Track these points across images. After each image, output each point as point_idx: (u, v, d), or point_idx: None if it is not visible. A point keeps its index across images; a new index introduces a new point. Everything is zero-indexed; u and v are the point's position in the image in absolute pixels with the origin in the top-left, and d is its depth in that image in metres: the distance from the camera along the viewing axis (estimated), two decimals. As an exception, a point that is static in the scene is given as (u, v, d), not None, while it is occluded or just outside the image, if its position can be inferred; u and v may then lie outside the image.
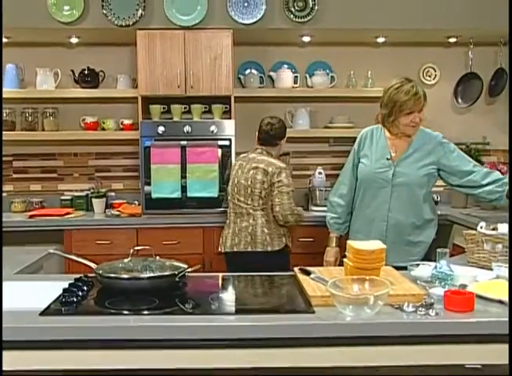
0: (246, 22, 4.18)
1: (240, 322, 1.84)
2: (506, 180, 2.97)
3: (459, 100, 4.83)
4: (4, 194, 4.69)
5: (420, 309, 1.86)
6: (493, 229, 2.54)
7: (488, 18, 4.19)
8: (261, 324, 1.80)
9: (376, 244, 2.15)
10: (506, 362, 1.77)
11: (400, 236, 3.01)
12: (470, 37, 4.55)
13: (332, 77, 4.70)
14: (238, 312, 1.99)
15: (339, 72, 4.75)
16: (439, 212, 4.15)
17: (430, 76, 4.86)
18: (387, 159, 3.00)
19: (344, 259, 2.19)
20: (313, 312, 1.87)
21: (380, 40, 4.58)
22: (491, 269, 2.32)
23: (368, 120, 4.19)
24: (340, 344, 1.79)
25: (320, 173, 4.60)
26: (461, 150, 3.27)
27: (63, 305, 1.98)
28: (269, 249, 3.47)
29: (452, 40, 4.60)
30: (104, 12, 4.12)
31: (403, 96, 2.91)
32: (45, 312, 1.90)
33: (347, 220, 3.18)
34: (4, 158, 4.68)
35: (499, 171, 3.41)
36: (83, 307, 1.99)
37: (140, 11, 4.13)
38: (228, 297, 2.23)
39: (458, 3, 4.24)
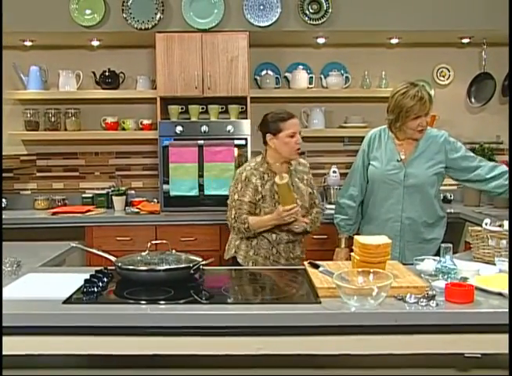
0: (261, 24, 4.27)
1: (250, 311, 1.95)
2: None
3: (473, 100, 4.86)
4: (28, 192, 4.85)
5: (421, 300, 1.95)
6: (500, 226, 2.61)
7: (500, 19, 4.21)
8: (270, 313, 1.90)
9: (381, 239, 2.24)
10: (506, 351, 1.84)
11: (414, 234, 3.08)
12: (483, 38, 4.59)
13: (346, 77, 4.78)
14: (249, 302, 2.10)
15: (353, 73, 4.82)
16: (452, 210, 4.25)
17: (444, 76, 4.91)
18: (398, 161, 3.07)
19: (352, 253, 2.29)
20: (319, 302, 1.97)
21: (394, 41, 4.64)
22: (495, 265, 2.39)
23: (382, 120, 4.23)
24: (344, 332, 1.89)
25: (335, 172, 4.68)
26: (474, 149, 3.35)
27: (85, 295, 2.10)
28: (224, 256, 3.20)
29: (466, 40, 4.65)
30: (124, 16, 4.24)
31: (409, 101, 2.95)
32: (68, 300, 2.03)
33: (358, 220, 3.25)
34: (28, 157, 4.83)
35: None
36: (103, 296, 2.11)
37: (159, 15, 4.25)
38: (241, 288, 2.34)
39: (470, 4, 4.28)
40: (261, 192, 3.00)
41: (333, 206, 4.38)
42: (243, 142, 4.29)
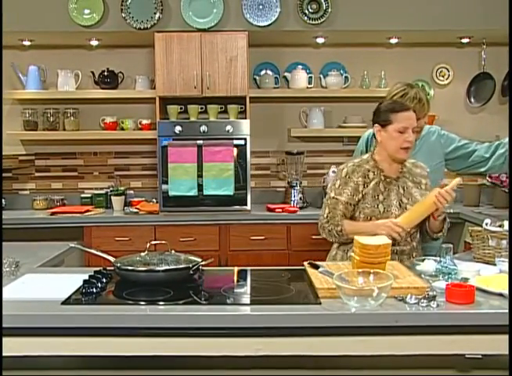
0: (261, 24, 4.27)
1: (250, 312, 1.95)
2: (505, 141, 3.05)
3: (472, 100, 4.86)
4: (26, 192, 4.85)
5: (422, 300, 1.94)
6: (500, 226, 2.60)
7: (500, 18, 4.21)
8: (270, 314, 1.89)
9: (381, 239, 2.24)
10: (506, 352, 1.83)
11: None
12: (483, 38, 4.58)
13: (346, 77, 4.77)
14: (248, 303, 2.09)
15: (353, 72, 4.82)
16: (452, 210, 4.24)
17: (443, 76, 4.90)
18: None
19: (351, 254, 2.28)
20: (320, 303, 1.96)
21: (393, 41, 4.64)
22: (495, 265, 2.38)
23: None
24: (344, 333, 1.88)
25: (334, 172, 4.67)
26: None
27: (84, 296, 2.09)
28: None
29: (465, 40, 4.64)
30: (123, 15, 4.23)
31: (408, 104, 2.88)
32: (67, 301, 2.01)
33: None
34: (27, 157, 4.82)
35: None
36: (102, 297, 2.10)
37: (158, 14, 4.24)
38: (240, 289, 2.32)
39: (470, 4, 4.28)
40: (362, 191, 2.65)
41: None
42: (242, 142, 4.29)
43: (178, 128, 4.27)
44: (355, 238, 2.26)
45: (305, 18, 4.27)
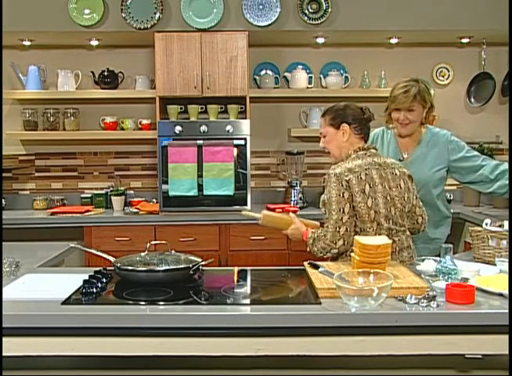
0: (261, 24, 4.27)
1: (250, 312, 1.95)
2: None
3: (472, 100, 4.86)
4: (26, 192, 4.84)
5: (422, 300, 1.94)
6: (500, 226, 2.60)
7: (500, 18, 4.21)
8: (270, 314, 1.89)
9: (381, 239, 2.24)
10: (506, 352, 1.84)
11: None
12: (483, 38, 4.58)
13: (346, 77, 4.77)
14: (248, 303, 2.10)
15: (353, 72, 4.82)
16: (452, 210, 4.23)
17: (443, 76, 4.90)
18: (400, 160, 3.05)
19: (352, 254, 2.28)
20: (320, 303, 1.96)
21: (394, 41, 4.63)
22: (495, 265, 2.39)
23: (381, 120, 4.25)
24: (344, 333, 1.88)
25: (334, 172, 4.67)
26: (473, 149, 3.36)
27: (84, 296, 2.09)
28: None
29: (465, 40, 4.64)
30: (123, 15, 4.23)
31: (395, 91, 2.99)
32: (67, 301, 2.02)
33: None
34: (27, 157, 4.82)
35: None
36: (102, 297, 2.10)
37: (158, 14, 4.24)
38: (240, 289, 2.32)
39: (470, 4, 4.28)
40: None
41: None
42: (242, 142, 4.28)
43: (178, 128, 4.27)
44: (355, 238, 2.26)
45: (305, 18, 4.27)
